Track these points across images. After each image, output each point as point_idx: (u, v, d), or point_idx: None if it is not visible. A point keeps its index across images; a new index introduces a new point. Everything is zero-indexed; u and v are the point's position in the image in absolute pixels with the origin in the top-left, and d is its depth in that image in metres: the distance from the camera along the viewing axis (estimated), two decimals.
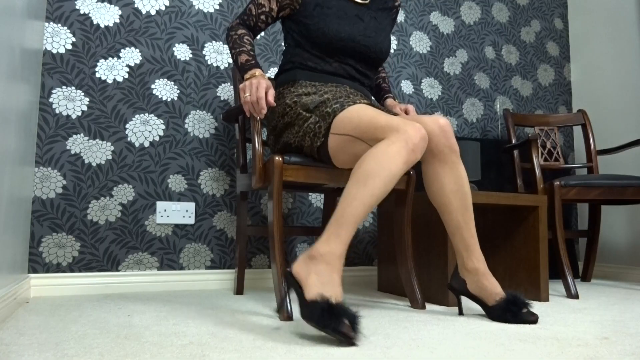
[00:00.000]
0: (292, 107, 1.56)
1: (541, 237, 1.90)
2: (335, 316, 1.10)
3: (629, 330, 1.31)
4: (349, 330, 1.10)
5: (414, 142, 1.31)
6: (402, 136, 1.30)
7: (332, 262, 1.21)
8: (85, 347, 1.07)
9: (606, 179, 2.08)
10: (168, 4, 2.15)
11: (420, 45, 2.70)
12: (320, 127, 1.48)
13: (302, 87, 1.60)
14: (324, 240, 1.24)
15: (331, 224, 1.25)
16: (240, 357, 1.00)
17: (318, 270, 1.20)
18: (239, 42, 1.57)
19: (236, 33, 1.60)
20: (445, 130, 1.47)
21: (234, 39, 1.59)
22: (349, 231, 1.24)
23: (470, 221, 1.47)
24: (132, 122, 2.04)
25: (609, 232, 2.83)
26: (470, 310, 1.60)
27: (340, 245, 1.23)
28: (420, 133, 1.33)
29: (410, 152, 1.31)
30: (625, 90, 2.79)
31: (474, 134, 2.78)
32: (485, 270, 1.46)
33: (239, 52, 1.55)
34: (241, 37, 1.59)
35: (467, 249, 1.47)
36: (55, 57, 1.95)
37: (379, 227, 2.11)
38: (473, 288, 1.47)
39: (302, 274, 1.22)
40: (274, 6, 1.63)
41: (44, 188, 1.89)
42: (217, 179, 2.16)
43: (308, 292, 1.17)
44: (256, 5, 1.63)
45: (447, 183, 1.47)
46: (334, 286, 1.18)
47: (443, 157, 1.48)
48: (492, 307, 1.43)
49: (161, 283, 2.01)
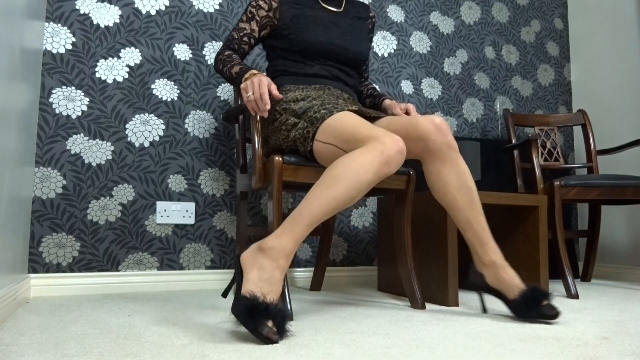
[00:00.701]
0: (281, 114, 1.60)
1: (541, 237, 1.90)
2: (258, 316, 1.10)
3: (629, 330, 1.31)
4: (270, 333, 1.09)
5: (389, 154, 1.30)
6: (379, 146, 1.30)
7: (278, 259, 1.21)
8: (85, 347, 1.07)
9: (606, 179, 2.08)
10: (168, 4, 2.15)
11: (420, 45, 2.70)
12: (308, 132, 1.49)
13: (290, 91, 1.64)
14: (277, 234, 1.25)
15: (287, 220, 1.26)
16: (240, 357, 1.00)
17: (262, 265, 1.21)
18: (227, 60, 1.60)
19: (223, 54, 1.64)
20: (442, 128, 1.48)
21: (222, 59, 1.62)
22: (302, 230, 1.25)
23: (479, 215, 1.47)
24: (132, 122, 2.04)
25: (609, 232, 2.83)
26: (471, 310, 1.60)
27: (291, 242, 1.24)
28: (397, 146, 1.32)
29: (384, 164, 1.30)
30: (625, 90, 2.79)
31: (474, 134, 2.78)
32: (502, 262, 1.45)
33: (230, 66, 1.58)
34: (229, 56, 1.62)
35: (480, 243, 1.46)
36: (55, 57, 1.95)
37: (379, 227, 2.11)
38: (492, 281, 1.46)
39: (247, 264, 1.23)
40: (254, 27, 1.69)
41: (44, 188, 1.89)
42: (217, 179, 2.16)
43: (244, 286, 1.18)
44: (237, 30, 1.69)
45: (450, 180, 1.47)
46: (271, 284, 1.19)
47: (442, 155, 1.48)
48: (513, 300, 1.42)
49: (161, 283, 2.01)
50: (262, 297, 1.14)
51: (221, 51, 1.66)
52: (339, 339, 1.16)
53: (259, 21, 1.68)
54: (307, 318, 1.43)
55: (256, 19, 1.68)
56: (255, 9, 1.68)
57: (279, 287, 1.21)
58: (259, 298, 1.13)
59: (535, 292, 1.39)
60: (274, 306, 1.13)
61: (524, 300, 1.39)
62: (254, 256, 1.23)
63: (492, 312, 1.55)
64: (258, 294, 1.15)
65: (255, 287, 1.17)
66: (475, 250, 1.48)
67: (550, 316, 1.37)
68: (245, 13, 1.69)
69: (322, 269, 2.09)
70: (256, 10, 1.68)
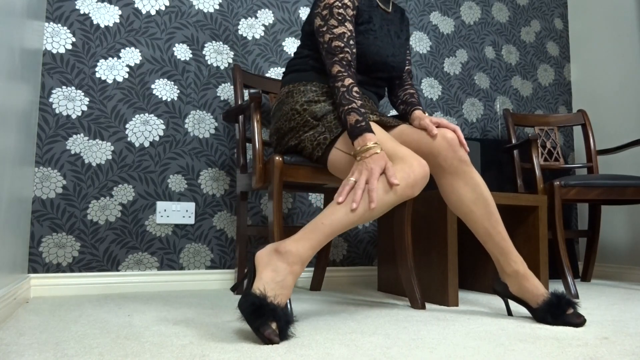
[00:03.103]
0: (300, 113, 1.51)
1: (541, 237, 1.90)
2: (264, 316, 1.10)
3: (629, 330, 1.31)
4: (272, 334, 1.09)
5: (416, 179, 1.30)
6: (407, 169, 1.30)
7: (293, 264, 1.21)
8: (85, 347, 1.07)
9: (606, 179, 2.08)
10: (168, 4, 2.15)
11: (420, 45, 2.70)
12: (325, 139, 1.45)
13: (314, 89, 1.54)
14: (296, 238, 1.24)
15: (308, 226, 1.25)
16: (240, 357, 1.00)
17: (277, 267, 1.20)
18: (347, 98, 1.40)
19: (342, 83, 1.43)
20: (453, 144, 1.46)
21: (343, 93, 1.42)
22: (322, 239, 1.24)
23: (499, 225, 1.45)
24: (132, 122, 2.04)
25: (609, 232, 2.83)
26: (471, 310, 1.60)
27: (309, 249, 1.23)
28: (424, 170, 1.32)
29: (409, 187, 1.29)
30: (625, 90, 2.79)
31: (474, 134, 2.78)
32: (525, 271, 1.43)
33: (348, 109, 1.39)
34: (349, 91, 1.42)
35: (502, 254, 1.44)
36: (55, 57, 1.95)
37: (379, 227, 2.11)
38: (515, 290, 1.45)
39: (261, 263, 1.22)
40: (350, 27, 1.51)
41: (44, 188, 1.89)
42: (217, 179, 2.16)
43: (256, 284, 1.18)
44: (337, 37, 1.47)
45: (464, 194, 1.46)
46: (283, 288, 1.18)
47: (454, 170, 1.46)
48: (536, 309, 1.40)
49: (161, 283, 2.01)
50: (271, 298, 1.13)
51: (339, 76, 1.44)
52: (339, 339, 1.16)
53: (351, 20, 1.52)
54: (307, 318, 1.43)
55: (348, 19, 1.51)
56: (344, 9, 1.51)
57: (289, 292, 1.20)
58: (268, 298, 1.12)
59: (560, 300, 1.36)
60: (281, 309, 1.13)
61: (549, 308, 1.36)
62: (269, 256, 1.22)
63: (517, 315, 1.54)
64: (268, 293, 1.15)
65: (267, 287, 1.16)
66: (497, 261, 1.47)
67: (576, 324, 1.34)
68: (333, 16, 1.49)
69: (322, 269, 2.09)
70: (344, 9, 1.51)
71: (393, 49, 1.64)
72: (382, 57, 1.59)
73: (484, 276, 2.07)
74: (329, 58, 1.47)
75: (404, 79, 1.76)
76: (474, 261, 2.12)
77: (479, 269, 2.10)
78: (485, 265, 2.06)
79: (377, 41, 1.58)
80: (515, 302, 1.46)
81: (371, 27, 1.58)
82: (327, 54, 1.48)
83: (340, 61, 1.45)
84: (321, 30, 1.50)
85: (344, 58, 1.46)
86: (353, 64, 1.47)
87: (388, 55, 1.61)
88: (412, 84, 1.77)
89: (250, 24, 2.30)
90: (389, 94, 1.79)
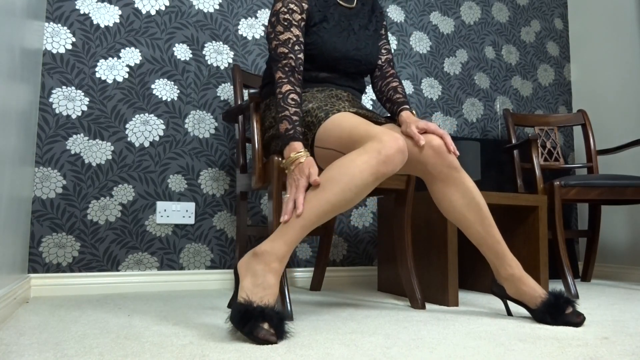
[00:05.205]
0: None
1: (541, 237, 1.90)
2: (253, 320, 1.10)
3: (629, 330, 1.31)
4: (266, 335, 1.10)
5: (387, 153, 1.24)
6: (377, 145, 1.25)
7: (270, 262, 1.22)
8: (85, 347, 1.07)
9: (606, 179, 2.08)
10: (168, 4, 2.15)
11: (420, 45, 2.70)
12: (307, 139, 1.47)
13: None
14: (271, 238, 1.25)
15: (281, 224, 1.26)
16: (240, 357, 1.00)
17: (255, 271, 1.22)
18: (281, 105, 1.42)
19: (281, 90, 1.43)
20: (440, 152, 1.43)
21: (280, 98, 1.43)
22: (295, 233, 1.24)
23: (492, 229, 1.44)
24: (132, 122, 2.04)
25: (609, 232, 2.83)
26: (471, 310, 1.60)
27: (284, 245, 1.23)
28: (397, 144, 1.26)
29: (381, 163, 1.24)
30: (625, 90, 2.79)
31: (474, 134, 2.78)
32: (520, 274, 1.42)
33: (281, 117, 1.40)
34: (285, 98, 1.42)
35: (497, 257, 1.44)
36: (55, 57, 1.95)
37: (379, 227, 2.11)
38: (513, 293, 1.44)
39: (242, 272, 1.24)
40: (297, 32, 1.50)
41: (44, 188, 1.89)
42: (217, 179, 2.16)
43: (239, 294, 1.19)
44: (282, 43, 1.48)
45: (455, 200, 1.45)
46: (265, 288, 1.19)
47: (444, 177, 1.45)
48: (535, 310, 1.40)
49: (161, 283, 2.01)
50: (257, 302, 1.14)
51: (278, 83, 1.45)
52: (339, 339, 1.17)
53: (298, 25, 1.50)
54: (307, 318, 1.43)
55: (294, 24, 1.50)
56: (290, 14, 1.50)
57: (274, 290, 1.21)
58: (253, 303, 1.14)
59: (558, 300, 1.36)
60: (270, 309, 1.14)
61: (547, 309, 1.36)
62: (247, 263, 1.24)
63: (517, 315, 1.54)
64: (253, 298, 1.16)
65: (250, 293, 1.18)
66: (492, 264, 1.47)
67: (576, 323, 1.34)
68: (280, 22, 1.49)
69: (322, 269, 2.09)
70: (290, 15, 1.50)
71: (357, 42, 1.61)
72: (342, 52, 1.57)
73: (484, 276, 2.07)
74: (274, 64, 1.48)
75: (384, 69, 1.70)
76: (474, 261, 2.12)
77: (478, 269, 2.10)
78: (485, 265, 2.06)
79: (332, 37, 1.57)
80: (514, 302, 1.47)
81: (324, 25, 1.57)
82: (272, 60, 1.50)
83: (282, 67, 1.46)
84: (270, 37, 1.53)
85: (286, 64, 1.46)
86: (298, 69, 1.47)
87: (349, 49, 1.59)
88: (394, 74, 1.70)
89: (250, 24, 2.30)
90: (373, 88, 1.74)
